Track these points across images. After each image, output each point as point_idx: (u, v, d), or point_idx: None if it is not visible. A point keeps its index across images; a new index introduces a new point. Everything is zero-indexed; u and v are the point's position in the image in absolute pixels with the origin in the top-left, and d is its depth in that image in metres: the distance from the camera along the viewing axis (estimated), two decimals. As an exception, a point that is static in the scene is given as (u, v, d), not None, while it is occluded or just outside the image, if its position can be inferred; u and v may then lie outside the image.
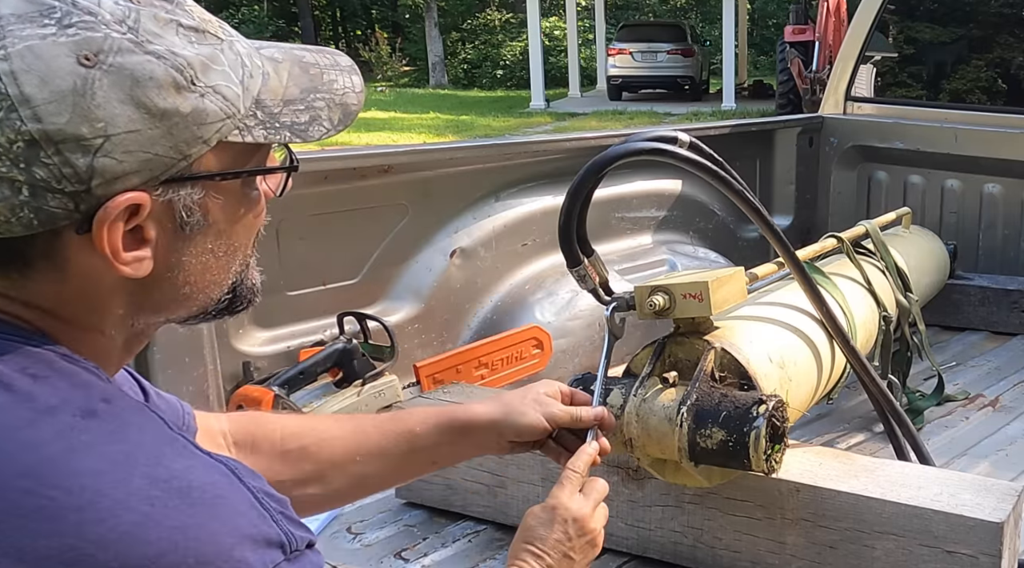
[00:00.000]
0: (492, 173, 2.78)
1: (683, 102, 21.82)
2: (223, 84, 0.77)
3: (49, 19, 0.69)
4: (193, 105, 0.75)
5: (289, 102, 0.84)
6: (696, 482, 1.63)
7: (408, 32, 33.94)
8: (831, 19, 12.52)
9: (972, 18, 4.26)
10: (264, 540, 0.74)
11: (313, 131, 0.85)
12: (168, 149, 0.74)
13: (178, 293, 0.82)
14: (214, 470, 0.76)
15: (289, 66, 0.86)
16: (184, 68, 0.74)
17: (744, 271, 1.82)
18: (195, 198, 0.78)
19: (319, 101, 0.86)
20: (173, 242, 0.79)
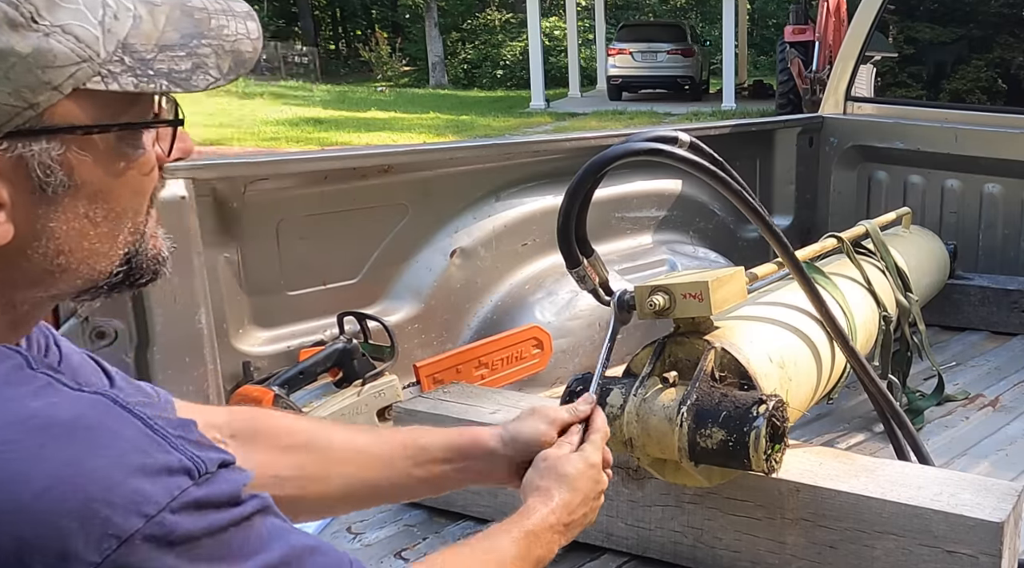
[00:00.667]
0: (492, 173, 2.78)
1: (683, 102, 21.82)
2: (75, 23, 0.69)
3: None
4: (34, 45, 0.67)
5: (166, 47, 0.75)
6: (696, 482, 1.63)
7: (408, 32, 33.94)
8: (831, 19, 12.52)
9: (972, 18, 4.26)
10: (163, 468, 0.68)
11: (197, 80, 0.76)
12: (6, 96, 0.67)
13: (51, 264, 0.74)
14: (84, 402, 0.69)
15: (168, 9, 0.77)
16: (20, 3, 0.67)
17: (744, 271, 1.81)
18: (53, 154, 0.70)
19: (204, 47, 0.77)
20: (34, 206, 0.71)
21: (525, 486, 1.28)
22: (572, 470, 1.26)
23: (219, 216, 2.16)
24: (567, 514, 1.24)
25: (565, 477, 1.25)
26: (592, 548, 1.83)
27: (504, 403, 2.02)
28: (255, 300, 2.26)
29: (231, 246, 2.21)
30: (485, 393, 2.13)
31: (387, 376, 2.37)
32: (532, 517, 1.19)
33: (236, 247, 2.22)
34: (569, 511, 1.24)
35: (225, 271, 2.19)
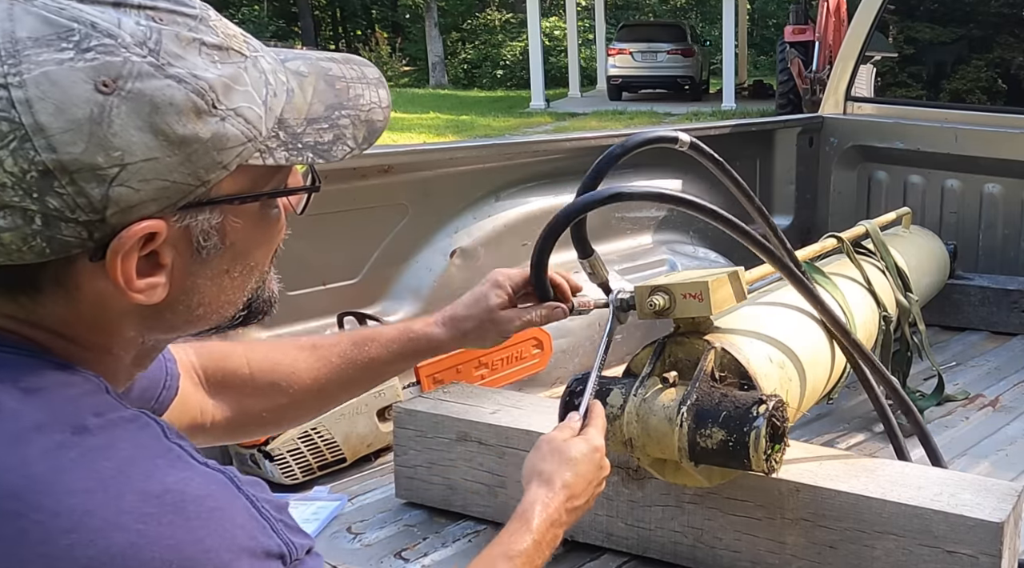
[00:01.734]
0: (492, 173, 2.78)
1: (683, 102, 21.82)
2: (245, 106, 0.74)
3: (67, 42, 0.66)
4: (213, 130, 0.71)
5: (313, 121, 0.80)
6: (696, 482, 1.63)
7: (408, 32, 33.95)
8: (831, 19, 12.52)
9: (972, 18, 4.26)
10: (264, 552, 0.72)
11: (336, 151, 0.82)
12: (186, 176, 0.71)
13: (192, 315, 0.80)
14: (211, 480, 0.73)
15: (315, 80, 0.82)
16: (205, 91, 0.71)
17: (744, 271, 1.81)
18: (213, 222, 0.75)
19: (344, 118, 0.82)
20: (189, 266, 0.76)
21: (527, 469, 1.29)
22: (576, 453, 1.28)
23: (219, 216, 2.16)
24: (570, 501, 1.25)
25: (569, 461, 1.27)
26: (592, 548, 1.83)
27: (504, 403, 2.02)
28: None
29: (231, 246, 2.21)
30: (485, 393, 2.13)
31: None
32: (533, 523, 1.21)
33: (236, 247, 2.22)
34: (572, 496, 1.25)
35: (225, 271, 2.19)
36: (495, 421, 1.93)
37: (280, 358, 1.29)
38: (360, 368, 1.34)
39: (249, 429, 1.31)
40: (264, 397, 1.26)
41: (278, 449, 2.19)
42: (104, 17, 0.68)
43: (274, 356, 1.30)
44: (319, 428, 2.25)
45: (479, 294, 1.44)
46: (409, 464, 2.03)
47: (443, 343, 1.41)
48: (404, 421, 2.02)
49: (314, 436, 2.24)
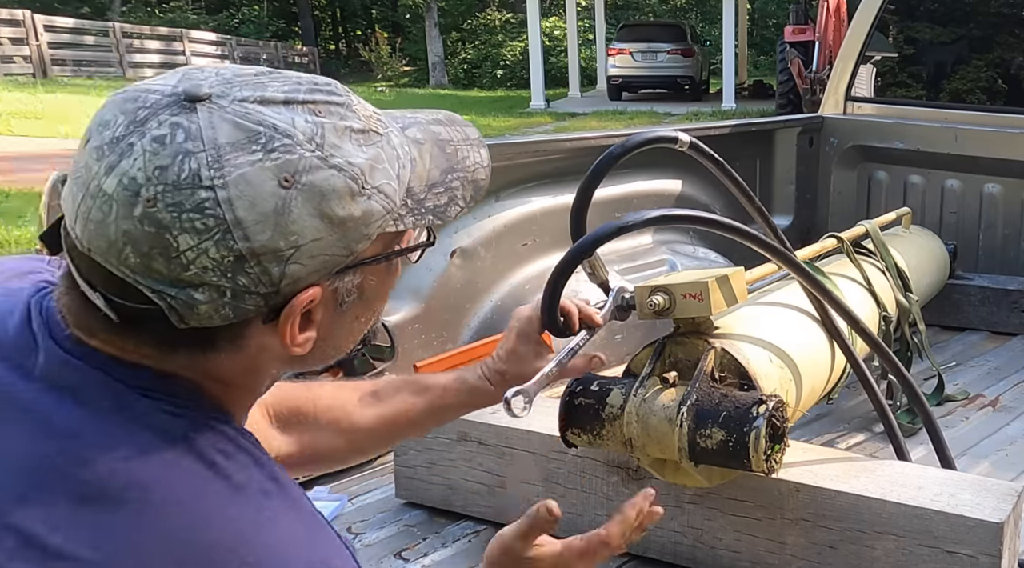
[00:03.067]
0: (492, 173, 2.77)
1: (683, 102, 21.82)
2: (385, 182, 0.83)
3: (256, 145, 0.76)
4: (364, 208, 0.81)
5: (432, 186, 0.89)
6: (696, 482, 1.63)
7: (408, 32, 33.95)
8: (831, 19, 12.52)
9: (972, 18, 4.27)
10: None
11: (450, 212, 0.91)
12: (341, 249, 0.81)
13: (325, 355, 0.90)
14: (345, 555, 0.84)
15: (430, 147, 0.91)
16: (358, 176, 0.80)
17: (744, 271, 1.82)
18: (356, 282, 0.85)
19: (455, 181, 0.92)
20: (332, 318, 0.86)
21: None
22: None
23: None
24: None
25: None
26: (592, 548, 1.83)
27: (504, 403, 2.02)
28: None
29: (231, 246, 2.21)
30: (485, 393, 2.13)
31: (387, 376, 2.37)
32: None
33: (236, 247, 2.22)
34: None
35: (225, 271, 2.19)
36: (495, 421, 1.93)
37: (343, 402, 1.37)
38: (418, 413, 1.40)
39: (307, 465, 1.40)
40: (326, 437, 1.34)
41: (278, 449, 2.19)
42: (281, 118, 0.78)
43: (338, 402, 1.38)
44: (319, 428, 2.25)
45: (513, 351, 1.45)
46: (409, 464, 2.03)
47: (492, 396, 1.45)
48: (404, 421, 2.02)
49: (314, 436, 2.24)
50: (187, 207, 0.74)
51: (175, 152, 0.74)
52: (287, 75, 0.83)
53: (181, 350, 0.81)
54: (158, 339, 0.80)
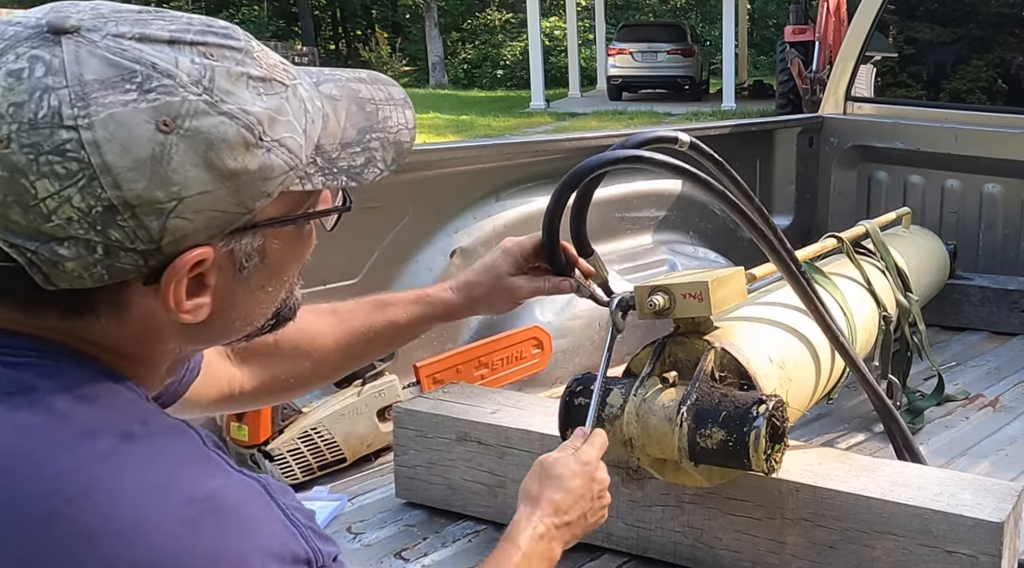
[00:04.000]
0: (492, 173, 2.78)
1: (683, 102, 21.81)
2: (288, 136, 0.77)
3: (131, 84, 0.69)
4: (260, 161, 0.75)
5: (347, 145, 0.83)
6: (696, 482, 1.63)
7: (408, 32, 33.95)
8: (831, 19, 12.52)
9: (972, 18, 4.26)
10: (292, 557, 0.75)
11: (368, 173, 0.85)
12: (234, 205, 0.74)
13: (229, 328, 0.84)
14: (247, 488, 0.76)
15: (347, 104, 0.85)
16: (253, 126, 0.74)
17: (744, 271, 1.82)
18: (255, 245, 0.79)
19: (374, 141, 0.86)
20: (230, 284, 0.80)
21: (520, 492, 1.33)
22: (564, 471, 1.31)
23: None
24: (558, 515, 1.27)
25: (555, 478, 1.30)
26: (592, 548, 1.83)
27: (504, 403, 2.02)
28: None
29: (231, 246, 2.21)
30: (485, 393, 2.13)
31: (387, 376, 2.37)
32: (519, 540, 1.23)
33: (236, 247, 2.22)
34: (560, 511, 1.27)
35: (225, 271, 2.19)
36: (495, 421, 1.93)
37: (303, 325, 1.32)
38: (379, 331, 1.39)
39: (276, 394, 1.37)
40: (289, 363, 1.32)
41: (278, 449, 2.20)
42: (162, 57, 0.71)
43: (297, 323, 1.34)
44: (319, 428, 2.25)
45: (489, 261, 1.49)
46: (409, 464, 2.03)
47: (457, 307, 1.46)
48: (404, 421, 2.02)
49: (314, 436, 2.24)
50: (45, 149, 0.67)
51: (33, 87, 0.67)
52: (177, 15, 0.75)
53: (52, 314, 0.74)
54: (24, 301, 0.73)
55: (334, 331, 1.36)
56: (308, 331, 1.33)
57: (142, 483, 0.71)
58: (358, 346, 1.38)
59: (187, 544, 0.70)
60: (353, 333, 1.37)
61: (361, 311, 1.39)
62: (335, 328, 1.36)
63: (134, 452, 0.72)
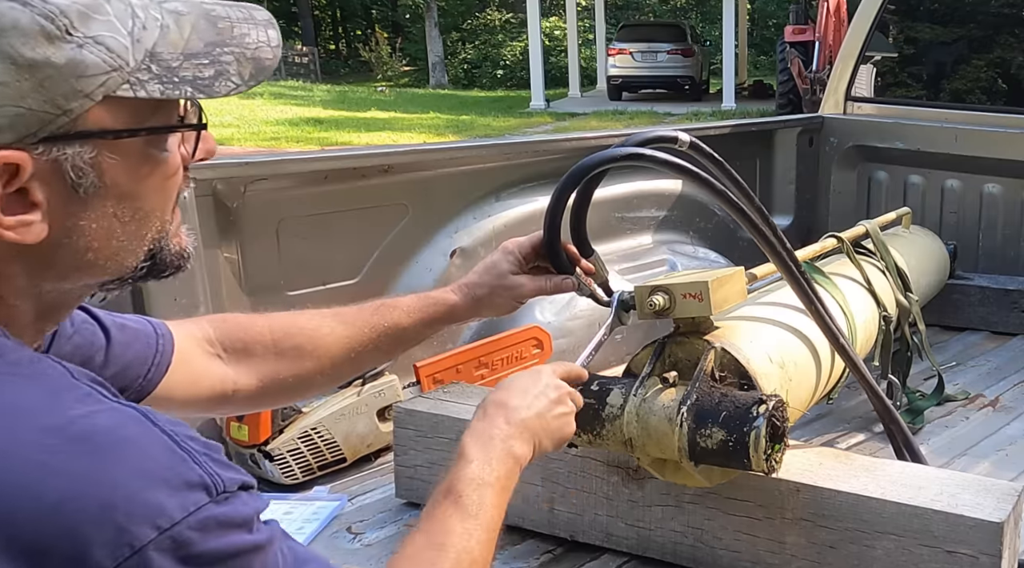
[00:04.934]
0: (492, 173, 2.78)
1: (683, 102, 21.82)
2: (107, 35, 0.73)
3: None
4: (69, 56, 0.70)
5: (191, 55, 0.79)
6: (696, 482, 1.63)
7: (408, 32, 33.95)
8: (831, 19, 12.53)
9: (972, 18, 4.26)
10: (183, 483, 0.70)
11: (219, 86, 0.80)
12: (42, 103, 0.70)
13: (81, 260, 0.78)
14: (120, 414, 0.72)
15: (194, 19, 0.81)
16: (56, 16, 0.70)
17: (744, 271, 1.81)
18: (86, 158, 0.74)
19: (227, 55, 0.81)
20: (67, 205, 0.75)
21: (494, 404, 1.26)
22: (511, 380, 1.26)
23: (219, 216, 2.16)
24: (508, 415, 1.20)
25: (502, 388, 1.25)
26: (592, 548, 1.83)
27: (504, 403, 2.02)
28: (255, 300, 2.26)
29: (231, 246, 2.21)
30: (485, 393, 2.13)
31: (387, 376, 2.37)
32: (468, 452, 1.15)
33: (236, 247, 2.22)
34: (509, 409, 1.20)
35: (225, 271, 2.19)
36: (495, 421, 1.92)
37: (303, 324, 1.32)
38: (383, 333, 1.37)
39: (281, 396, 1.34)
40: (288, 362, 1.29)
41: (278, 449, 2.19)
42: None
43: (298, 322, 1.33)
44: (319, 428, 2.25)
45: (490, 262, 1.48)
46: (409, 464, 2.03)
47: (459, 309, 1.44)
48: (404, 421, 2.02)
49: (314, 436, 2.24)
50: None
51: None
52: None
53: None
54: None
55: (336, 332, 1.34)
56: (309, 331, 1.32)
57: None
58: (362, 348, 1.36)
59: (46, 474, 0.66)
60: (356, 334, 1.36)
61: (364, 314, 1.38)
62: (337, 329, 1.35)
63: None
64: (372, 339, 1.37)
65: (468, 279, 1.47)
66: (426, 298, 1.45)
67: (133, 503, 0.67)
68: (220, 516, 0.71)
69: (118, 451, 0.69)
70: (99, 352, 1.07)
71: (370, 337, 1.36)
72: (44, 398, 0.71)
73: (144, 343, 1.13)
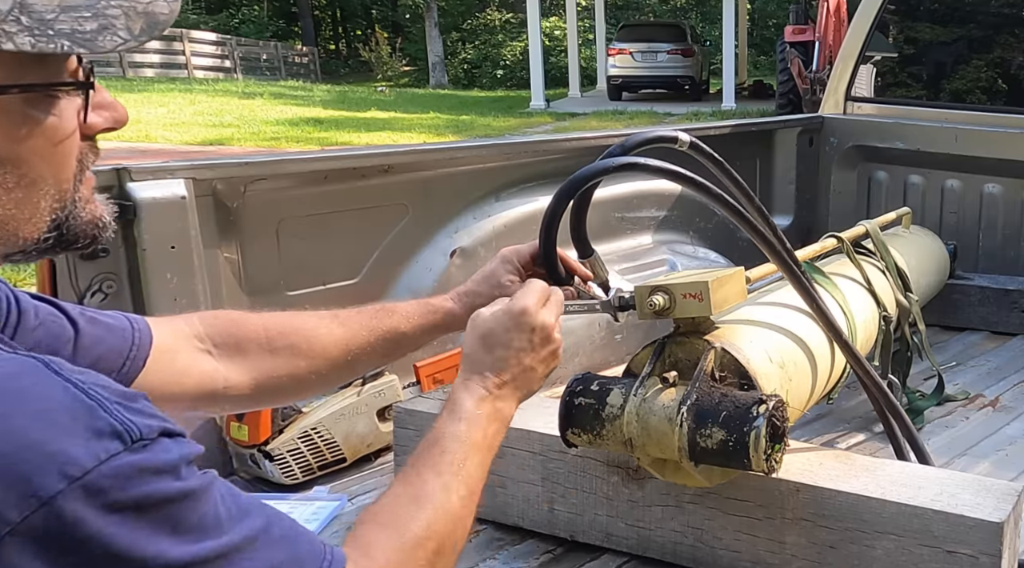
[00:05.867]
0: (492, 173, 2.78)
1: (683, 102, 21.83)
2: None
3: None
4: None
5: (69, 8, 0.74)
6: (696, 482, 1.63)
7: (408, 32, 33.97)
8: (831, 19, 12.53)
9: (972, 18, 4.26)
10: (92, 431, 0.67)
11: (104, 41, 0.76)
12: None
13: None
14: (16, 362, 0.70)
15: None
16: None
17: (744, 271, 1.81)
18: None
19: (113, 9, 0.76)
20: None
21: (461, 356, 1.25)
22: (496, 327, 1.21)
23: (219, 216, 2.16)
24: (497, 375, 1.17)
25: (488, 336, 1.20)
26: (592, 548, 1.83)
27: (504, 403, 2.02)
28: (255, 300, 2.26)
29: (231, 246, 2.21)
30: (485, 393, 2.13)
31: (387, 376, 2.37)
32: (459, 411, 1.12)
33: (236, 247, 2.22)
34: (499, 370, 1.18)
35: (225, 271, 2.19)
36: (495, 421, 1.92)
37: (299, 324, 1.31)
38: (381, 337, 1.36)
39: (272, 395, 1.32)
40: (283, 361, 1.27)
41: (278, 449, 2.19)
42: None
43: (294, 322, 1.32)
44: (319, 428, 2.25)
45: (488, 271, 1.48)
46: (409, 464, 2.02)
47: (459, 317, 1.42)
48: (404, 421, 2.02)
49: (314, 436, 2.24)
50: None
51: None
52: None
53: None
54: None
55: (333, 333, 1.33)
56: (305, 331, 1.31)
57: None
58: (359, 350, 1.35)
59: None
60: (353, 337, 1.35)
61: (362, 317, 1.37)
62: (335, 331, 1.34)
63: None
64: (369, 342, 1.36)
65: (466, 288, 1.46)
66: (425, 304, 1.44)
67: (36, 453, 0.64)
68: (137, 463, 0.68)
69: (16, 400, 0.66)
70: (67, 345, 1.06)
71: (367, 340, 1.36)
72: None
73: (119, 337, 1.12)
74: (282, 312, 1.38)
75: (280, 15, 32.78)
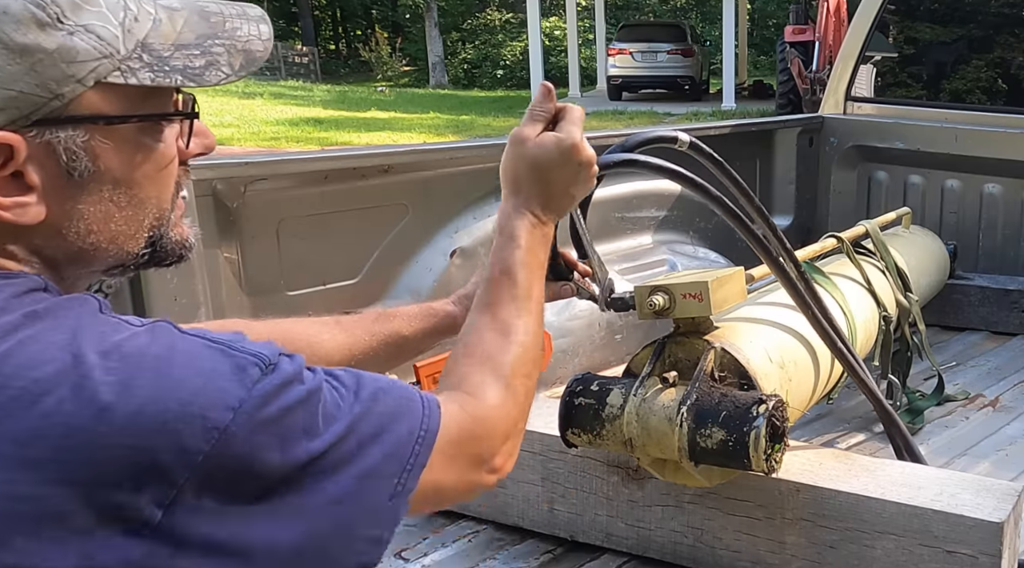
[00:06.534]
0: (492, 173, 2.76)
1: (683, 102, 21.82)
2: (97, 24, 0.77)
3: None
4: (60, 43, 0.74)
5: (182, 47, 0.83)
6: (696, 482, 1.63)
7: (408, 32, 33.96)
8: (831, 19, 12.54)
9: (972, 18, 4.26)
10: (235, 368, 0.76)
11: (210, 75, 0.84)
12: (34, 87, 0.74)
13: (84, 242, 0.82)
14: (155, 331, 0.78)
15: (187, 14, 0.85)
16: (47, 5, 0.74)
17: (744, 271, 1.82)
18: (78, 141, 0.78)
19: (217, 47, 0.85)
20: (63, 189, 0.79)
21: (502, 172, 1.26)
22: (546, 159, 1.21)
23: (219, 216, 2.16)
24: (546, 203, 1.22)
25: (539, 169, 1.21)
26: (592, 548, 1.83)
27: (504, 403, 2.02)
28: (255, 300, 2.26)
29: (231, 246, 2.21)
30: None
31: (388, 376, 2.37)
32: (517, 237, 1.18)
33: (236, 247, 2.22)
34: (547, 198, 1.22)
35: (225, 271, 2.19)
36: (495, 421, 1.92)
37: (302, 329, 1.33)
38: (383, 342, 1.38)
39: None
40: None
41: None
42: None
43: (297, 328, 1.34)
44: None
45: None
46: (409, 464, 2.02)
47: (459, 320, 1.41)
48: (404, 421, 2.01)
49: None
50: None
51: None
52: None
53: None
54: None
55: (335, 338, 1.34)
56: (308, 335, 1.32)
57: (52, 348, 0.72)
58: (361, 355, 1.36)
59: (123, 388, 0.71)
60: (356, 342, 1.36)
61: (364, 321, 1.38)
62: (336, 335, 1.35)
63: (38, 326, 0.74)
64: (372, 347, 1.37)
65: (467, 290, 1.46)
66: (427, 308, 1.44)
67: (204, 396, 0.74)
68: (276, 381, 0.78)
69: (171, 359, 0.75)
70: None
71: (370, 344, 1.37)
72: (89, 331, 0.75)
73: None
74: (285, 319, 1.39)
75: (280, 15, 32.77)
